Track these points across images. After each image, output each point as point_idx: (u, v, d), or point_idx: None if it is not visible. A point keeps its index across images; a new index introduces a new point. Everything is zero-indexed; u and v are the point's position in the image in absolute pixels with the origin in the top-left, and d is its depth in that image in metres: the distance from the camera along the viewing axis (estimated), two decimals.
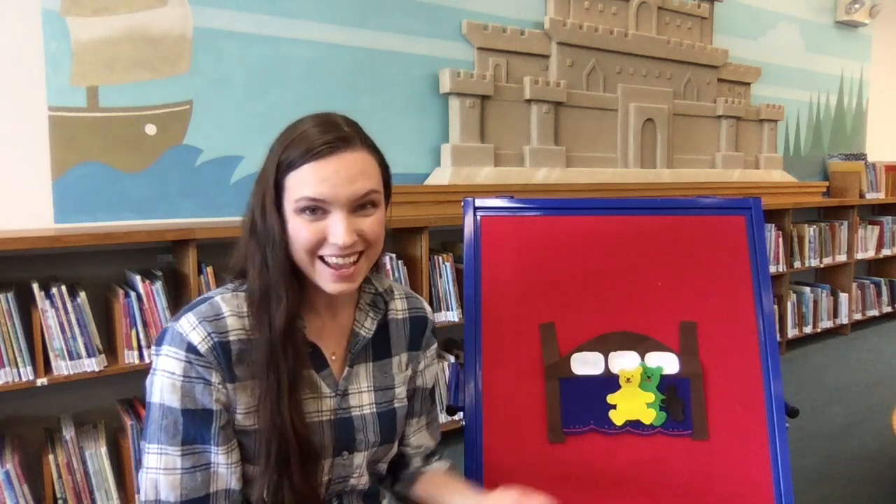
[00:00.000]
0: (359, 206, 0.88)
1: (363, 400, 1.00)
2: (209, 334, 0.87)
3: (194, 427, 0.86)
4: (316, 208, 0.87)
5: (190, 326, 0.88)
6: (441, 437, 1.21)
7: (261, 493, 0.89)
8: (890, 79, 5.48)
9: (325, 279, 0.90)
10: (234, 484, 0.89)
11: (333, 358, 0.98)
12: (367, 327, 1.00)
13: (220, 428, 0.88)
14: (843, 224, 4.57)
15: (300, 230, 0.87)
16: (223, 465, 0.88)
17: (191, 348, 0.87)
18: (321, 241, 0.87)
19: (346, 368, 0.98)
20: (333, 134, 0.88)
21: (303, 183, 0.86)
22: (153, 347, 0.91)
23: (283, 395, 0.88)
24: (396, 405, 1.04)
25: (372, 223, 0.90)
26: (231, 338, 0.89)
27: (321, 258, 0.89)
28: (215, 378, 0.87)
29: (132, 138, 2.35)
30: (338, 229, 0.86)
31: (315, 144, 0.86)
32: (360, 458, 0.99)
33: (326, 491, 0.97)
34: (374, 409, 1.00)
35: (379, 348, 1.03)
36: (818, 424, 2.99)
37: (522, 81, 3.27)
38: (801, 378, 3.70)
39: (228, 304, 0.91)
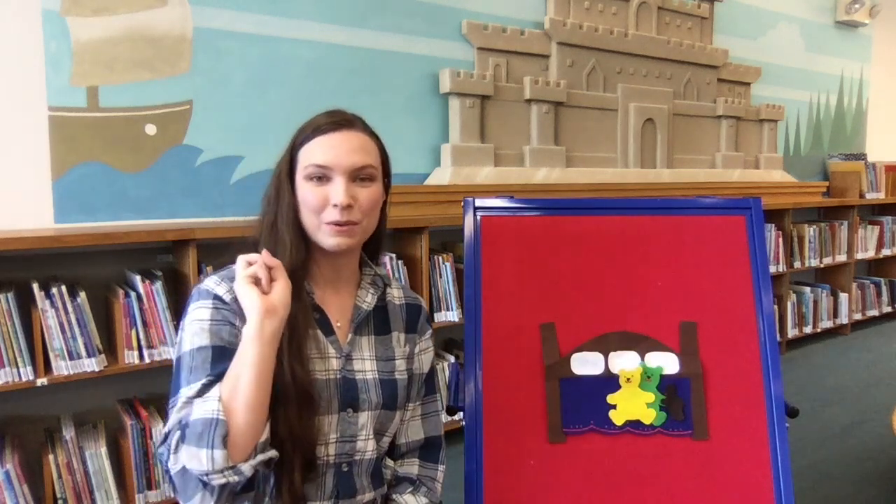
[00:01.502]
0: (358, 177, 1.01)
1: (366, 366, 1.07)
2: (230, 288, 0.98)
3: (221, 363, 0.93)
4: (322, 176, 1.00)
5: (215, 283, 1.00)
6: (443, 443, 1.20)
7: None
8: (890, 79, 5.48)
9: (326, 235, 1.01)
10: None
11: (338, 325, 1.07)
12: (368, 302, 1.10)
13: None
14: (843, 224, 4.57)
15: (307, 194, 1.00)
16: None
17: (217, 298, 0.99)
18: (324, 204, 0.99)
19: (351, 335, 1.07)
20: (339, 117, 1.04)
21: (311, 153, 1.01)
22: (181, 322, 1.00)
23: (283, 339, 0.95)
24: (397, 376, 1.10)
25: (367, 194, 1.02)
26: None
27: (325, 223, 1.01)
28: (238, 322, 0.97)
29: (132, 138, 2.35)
30: (337, 190, 0.99)
31: (322, 123, 1.02)
32: (364, 418, 1.05)
33: (336, 452, 1.02)
34: (377, 376, 1.08)
35: (379, 325, 1.12)
36: (818, 424, 2.99)
37: (522, 81, 3.27)
38: (801, 378, 3.70)
39: None
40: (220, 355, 0.94)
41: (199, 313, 0.97)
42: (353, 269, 1.10)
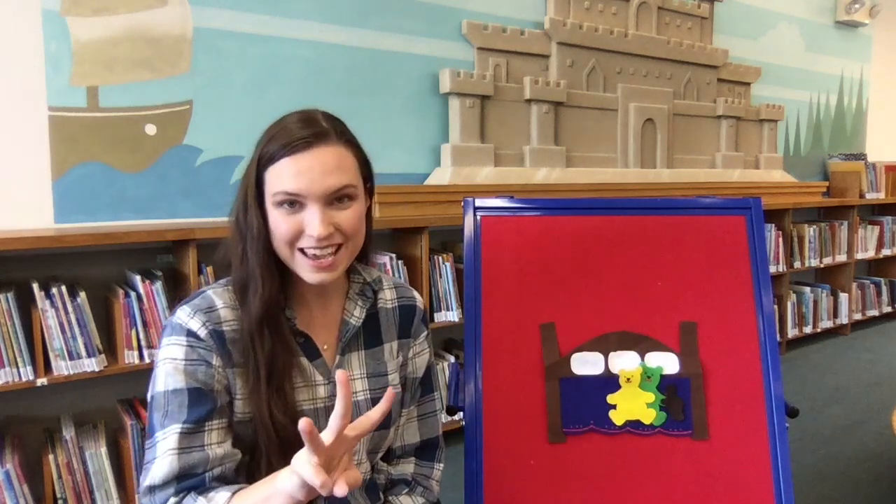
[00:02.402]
0: (335, 199, 0.92)
1: (356, 387, 1.02)
2: (204, 323, 0.92)
3: (198, 406, 0.89)
4: (293, 202, 0.90)
5: (187, 316, 0.92)
6: (441, 443, 1.20)
7: (244, 479, 0.92)
8: (890, 79, 5.48)
9: (305, 270, 0.93)
10: (227, 471, 0.91)
11: (325, 347, 1.01)
12: (357, 316, 1.04)
13: (218, 409, 0.91)
14: (843, 224, 4.57)
15: (279, 223, 0.91)
16: (216, 447, 0.90)
17: (191, 334, 0.91)
18: (299, 234, 0.91)
19: (338, 357, 1.01)
20: (311, 130, 0.91)
21: (280, 177, 0.90)
22: (156, 352, 0.95)
23: (260, 382, 0.91)
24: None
25: (348, 216, 0.93)
26: (225, 328, 0.93)
27: (301, 250, 0.92)
28: (216, 361, 0.91)
29: (132, 138, 2.35)
30: (313, 222, 0.89)
31: (292, 139, 0.90)
32: (358, 443, 1.00)
33: None
34: (368, 396, 1.03)
35: (370, 337, 1.06)
36: (818, 424, 2.99)
37: (522, 81, 3.27)
38: (801, 378, 3.70)
39: (221, 298, 0.95)
40: (197, 398, 0.89)
41: (172, 351, 0.91)
42: (339, 280, 1.02)
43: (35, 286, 1.93)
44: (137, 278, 2.11)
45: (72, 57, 2.23)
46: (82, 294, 1.99)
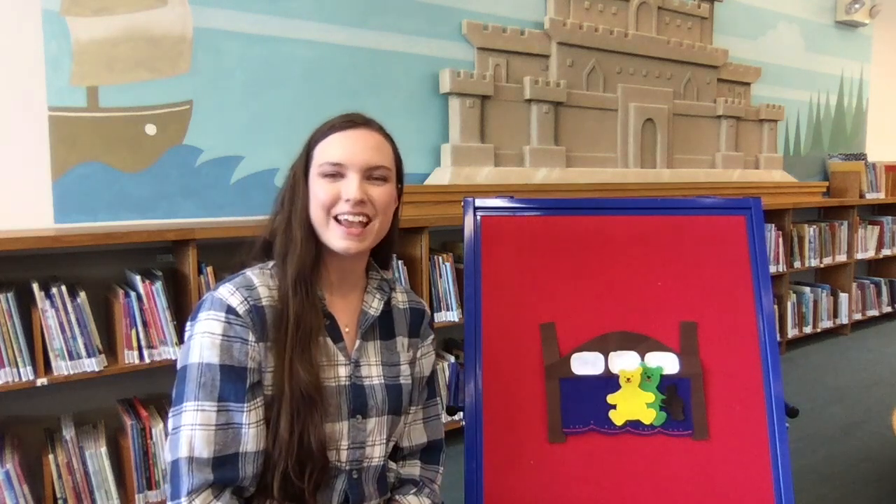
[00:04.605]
0: (371, 176, 1.02)
1: (373, 372, 1.08)
2: (245, 298, 0.98)
3: (230, 384, 0.94)
4: (336, 173, 1.00)
5: (229, 293, 0.98)
6: (444, 446, 1.21)
7: (274, 440, 0.96)
8: (890, 79, 5.48)
9: (336, 236, 1.00)
10: (260, 446, 0.96)
11: (347, 330, 1.08)
12: (375, 307, 1.11)
13: (250, 386, 0.96)
14: (843, 224, 4.57)
15: (319, 191, 1.00)
16: (249, 426, 0.94)
17: (230, 310, 0.96)
18: (336, 199, 0.99)
19: (358, 341, 1.08)
20: (355, 117, 1.05)
21: (325, 151, 1.01)
22: (188, 323, 0.99)
23: (288, 338, 0.97)
24: (402, 381, 1.11)
25: (381, 192, 1.03)
26: (264, 302, 0.99)
27: (335, 218, 1.00)
28: (251, 337, 0.96)
29: (132, 138, 2.35)
30: (350, 186, 0.99)
31: (338, 121, 1.04)
32: (372, 424, 1.06)
33: (348, 458, 1.04)
34: (383, 381, 1.09)
35: (385, 329, 1.13)
36: (818, 424, 2.99)
37: (522, 81, 3.27)
38: (801, 378, 3.70)
39: (259, 278, 1.02)
40: (229, 376, 0.94)
41: (210, 325, 0.95)
42: (360, 273, 1.11)
43: (35, 286, 1.93)
44: (137, 278, 2.10)
45: (72, 57, 2.23)
46: (82, 294, 1.99)
